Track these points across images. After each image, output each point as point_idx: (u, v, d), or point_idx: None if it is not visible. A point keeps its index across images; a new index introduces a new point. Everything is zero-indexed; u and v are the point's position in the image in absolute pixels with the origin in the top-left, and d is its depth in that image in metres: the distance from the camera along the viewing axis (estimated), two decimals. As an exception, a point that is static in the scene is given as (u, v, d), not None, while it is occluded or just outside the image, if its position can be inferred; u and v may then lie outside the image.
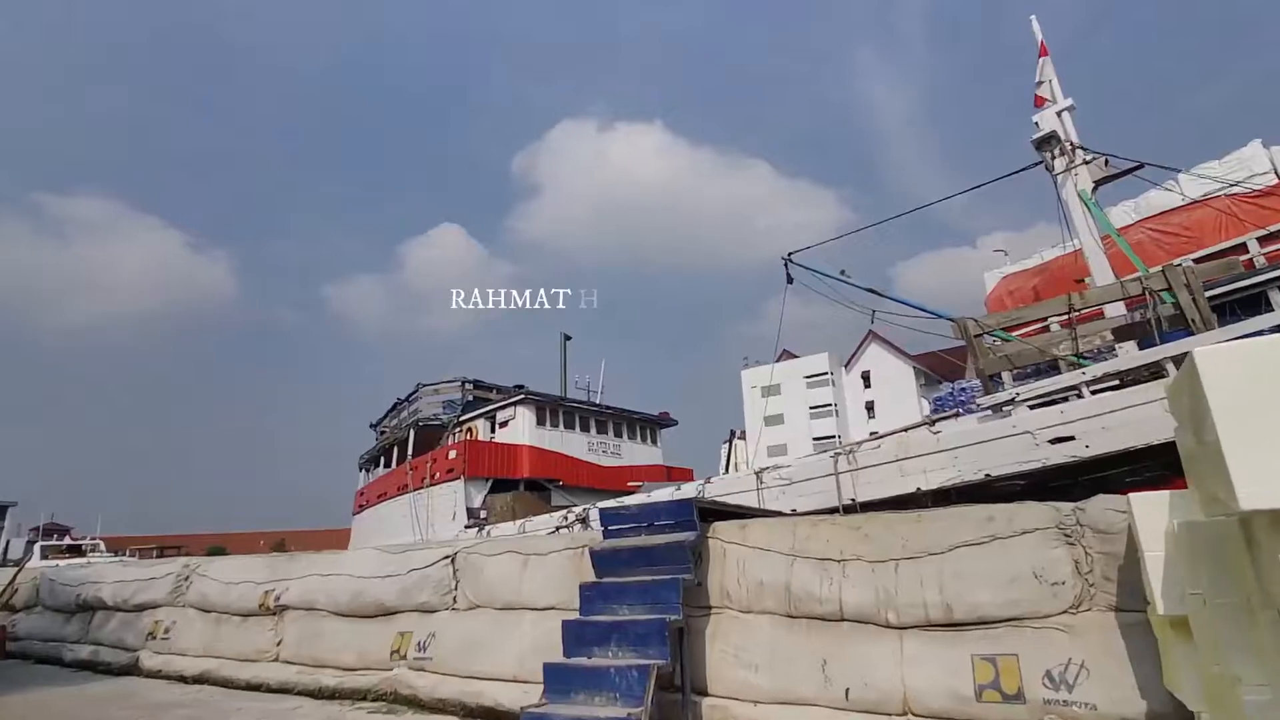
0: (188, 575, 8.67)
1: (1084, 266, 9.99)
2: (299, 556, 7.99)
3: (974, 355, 6.49)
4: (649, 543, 4.51)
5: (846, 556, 4.18)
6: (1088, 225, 7.72)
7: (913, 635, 3.84)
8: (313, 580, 6.93)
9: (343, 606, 6.48)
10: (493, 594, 5.56)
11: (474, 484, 15.44)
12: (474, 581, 5.73)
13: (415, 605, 6.04)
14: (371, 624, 6.27)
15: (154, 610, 8.75)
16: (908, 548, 4.03)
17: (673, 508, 4.67)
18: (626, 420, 19.62)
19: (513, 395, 17.77)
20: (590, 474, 17.56)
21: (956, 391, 11.73)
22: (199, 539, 53.41)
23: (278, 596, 7.11)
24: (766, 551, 4.45)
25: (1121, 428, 5.12)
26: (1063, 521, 3.67)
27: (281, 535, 58.50)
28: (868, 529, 4.27)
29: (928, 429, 6.22)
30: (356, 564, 6.80)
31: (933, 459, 5.96)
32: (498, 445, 16.67)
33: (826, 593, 4.10)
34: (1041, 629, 3.55)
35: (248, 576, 7.79)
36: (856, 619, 4.01)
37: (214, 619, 7.84)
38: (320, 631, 6.61)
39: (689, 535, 4.46)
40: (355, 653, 6.17)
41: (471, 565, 5.81)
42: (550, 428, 17.40)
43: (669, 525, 4.64)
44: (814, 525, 4.47)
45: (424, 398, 18.87)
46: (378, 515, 19.17)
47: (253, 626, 7.30)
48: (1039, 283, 11.31)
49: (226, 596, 7.73)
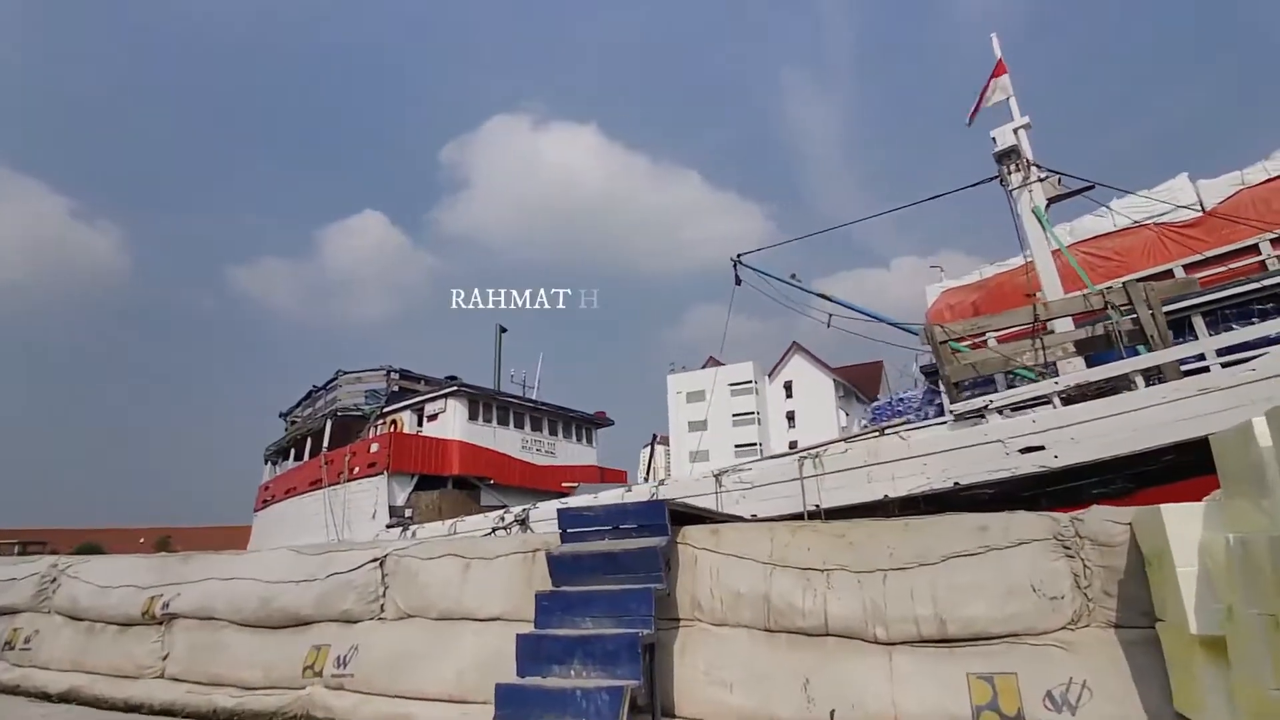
0: (55, 576, 7.54)
1: (1024, 283, 10.30)
2: (194, 557, 7.05)
3: (940, 361, 6.44)
4: (616, 547, 4.07)
5: (830, 566, 3.90)
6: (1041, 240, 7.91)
7: (904, 652, 3.58)
8: (211, 585, 6.08)
9: (247, 615, 5.69)
10: (429, 602, 4.97)
11: (398, 480, 14.38)
12: (407, 587, 5.12)
13: (335, 614, 5.35)
14: (281, 636, 5.51)
15: (13, 616, 7.56)
16: (896, 557, 3.79)
17: (642, 509, 4.26)
18: (563, 418, 18.92)
19: (443, 387, 16.80)
20: (523, 473, 16.77)
21: (895, 402, 11.90)
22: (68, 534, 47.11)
23: (166, 603, 6.20)
24: (742, 559, 4.11)
25: (1091, 439, 5.13)
26: (1060, 532, 3.50)
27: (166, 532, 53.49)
28: (852, 536, 4.00)
29: (898, 435, 6.10)
30: (265, 566, 6.02)
31: (901, 465, 5.83)
32: (426, 439, 15.61)
33: (810, 605, 3.79)
34: (1040, 646, 3.35)
35: (129, 579, 6.80)
36: (842, 634, 3.72)
37: (85, 628, 6.80)
38: (218, 644, 5.78)
39: (660, 540, 4.06)
40: (260, 669, 5.40)
41: (404, 569, 5.19)
42: (483, 423, 16.50)
43: (636, 529, 4.23)
44: (794, 532, 4.17)
45: (344, 386, 17.48)
46: (284, 512, 17.65)
47: (133, 637, 6.35)
48: (979, 298, 11.67)
49: (102, 601, 6.71)
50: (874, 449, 6.06)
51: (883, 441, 6.15)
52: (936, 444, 5.75)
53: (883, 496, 5.89)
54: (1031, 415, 5.51)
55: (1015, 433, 5.41)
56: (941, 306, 12.21)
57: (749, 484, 6.56)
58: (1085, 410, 5.26)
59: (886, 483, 5.90)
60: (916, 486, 5.74)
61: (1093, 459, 5.16)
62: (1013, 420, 5.57)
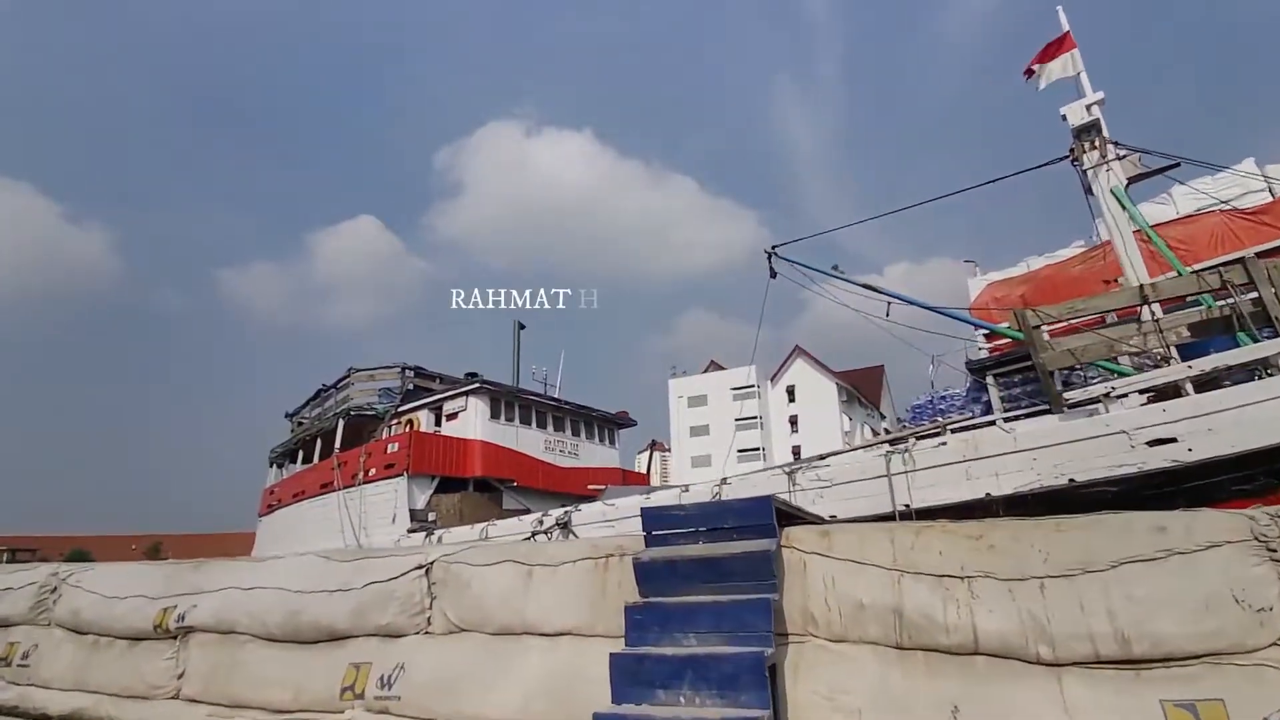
0: (55, 586, 6.94)
1: (1078, 274, 9.80)
2: (207, 564, 6.46)
3: (1034, 349, 5.92)
4: (717, 552, 3.53)
5: (971, 573, 3.36)
6: (1123, 222, 7.42)
7: (1075, 675, 3.04)
8: (231, 595, 5.50)
9: (273, 629, 5.12)
10: (485, 614, 4.41)
11: (417, 482, 13.62)
12: (458, 598, 4.56)
13: (374, 628, 4.78)
14: (313, 652, 4.94)
15: (8, 629, 6.97)
16: (1053, 563, 3.25)
17: (746, 507, 3.71)
18: (585, 418, 18.22)
19: (459, 384, 16.09)
20: (547, 475, 16.03)
21: (936, 400, 11.39)
22: (57, 541, 45.75)
23: (181, 615, 5.62)
24: (862, 565, 3.56)
25: (1230, 430, 4.62)
26: (1262, 532, 2.98)
27: (157, 539, 52.16)
28: (991, 539, 3.46)
29: (999, 427, 5.57)
30: (291, 575, 5.44)
31: (1006, 460, 5.31)
32: (447, 439, 14.86)
33: (954, 619, 3.25)
34: (1249, 666, 2.82)
35: (138, 589, 6.22)
36: (996, 653, 3.18)
37: (90, 642, 6.21)
38: (240, 661, 5.20)
39: (770, 543, 3.52)
40: (290, 689, 4.83)
41: (455, 578, 4.63)
42: (505, 422, 15.79)
43: (736, 530, 3.69)
44: (917, 534, 3.62)
45: (356, 384, 16.79)
46: (293, 516, 16.89)
47: (144, 653, 5.77)
48: (1026, 291, 11.17)
49: (109, 614, 6.13)
50: (974, 443, 5.53)
51: (983, 434, 5.62)
52: (1048, 437, 5.22)
53: (985, 495, 5.37)
54: (1162, 405, 5.00)
55: (1142, 423, 4.89)
56: (986, 300, 11.73)
57: (827, 481, 6.01)
58: (1225, 397, 4.75)
59: (988, 480, 5.37)
60: (1025, 484, 5.21)
61: (1233, 452, 4.65)
62: (1139, 410, 5.06)
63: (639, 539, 4.38)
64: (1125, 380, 5.39)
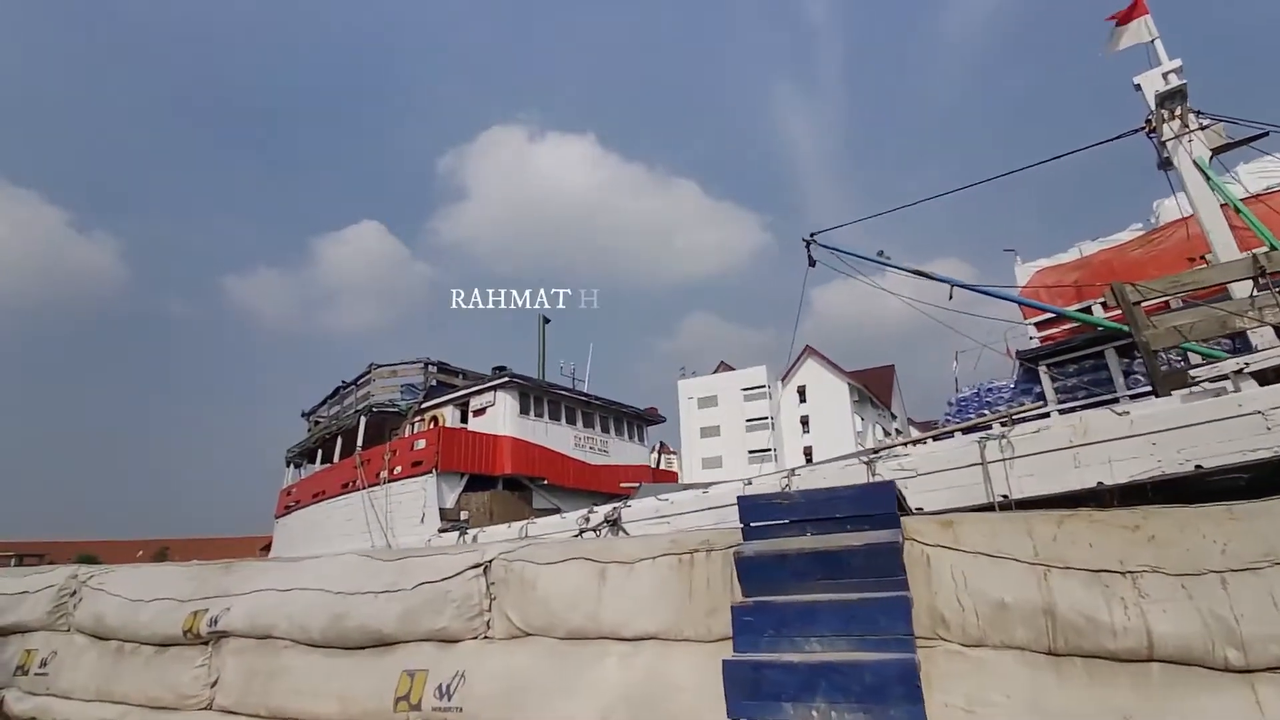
0: (75, 589, 6.57)
1: (1135, 259, 9.36)
2: (237, 566, 6.08)
3: (1135, 326, 5.49)
4: (834, 545, 3.11)
5: (1134, 568, 2.93)
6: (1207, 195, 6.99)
7: (1273, 683, 2.61)
8: (267, 597, 5.11)
9: (315, 634, 4.72)
10: (553, 618, 4.00)
11: (446, 480, 13.13)
12: (522, 600, 4.15)
13: (427, 633, 4.37)
14: (359, 659, 4.54)
15: (25, 635, 6.60)
16: (1232, 555, 2.82)
17: (861, 494, 3.30)
18: (614, 414, 17.69)
19: (483, 379, 15.60)
20: (578, 473, 15.55)
21: (983, 392, 10.94)
22: (64, 546, 45.06)
23: (214, 619, 5.22)
24: (999, 559, 3.14)
25: None
26: None
27: (163, 543, 51.42)
28: (1150, 528, 3.04)
29: (1111, 411, 5.13)
30: (330, 575, 5.04)
31: (1121, 446, 4.88)
32: (477, 435, 14.31)
33: (1122, 620, 2.82)
34: None
35: (165, 591, 5.84)
36: (1174, 659, 2.75)
37: (114, 649, 5.83)
38: (279, 668, 4.80)
39: (892, 534, 3.10)
40: (335, 699, 4.43)
41: (517, 577, 4.22)
42: (535, 418, 15.29)
43: (849, 520, 3.27)
44: (1058, 523, 3.20)
45: (377, 380, 16.38)
46: (313, 517, 16.44)
47: (173, 661, 5.38)
48: (1081, 276, 10.73)
49: (134, 618, 5.74)
50: (1081, 427, 5.09)
51: (1092, 418, 5.18)
52: (1170, 419, 4.77)
53: (1096, 484, 4.94)
54: None
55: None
56: (1036, 286, 11.28)
57: (912, 470, 5.59)
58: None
59: (1100, 468, 4.93)
60: (1143, 471, 4.77)
61: None
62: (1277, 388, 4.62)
63: (725, 532, 3.98)
64: (1261, 354, 4.95)
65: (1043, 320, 10.64)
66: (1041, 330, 10.76)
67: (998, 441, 5.30)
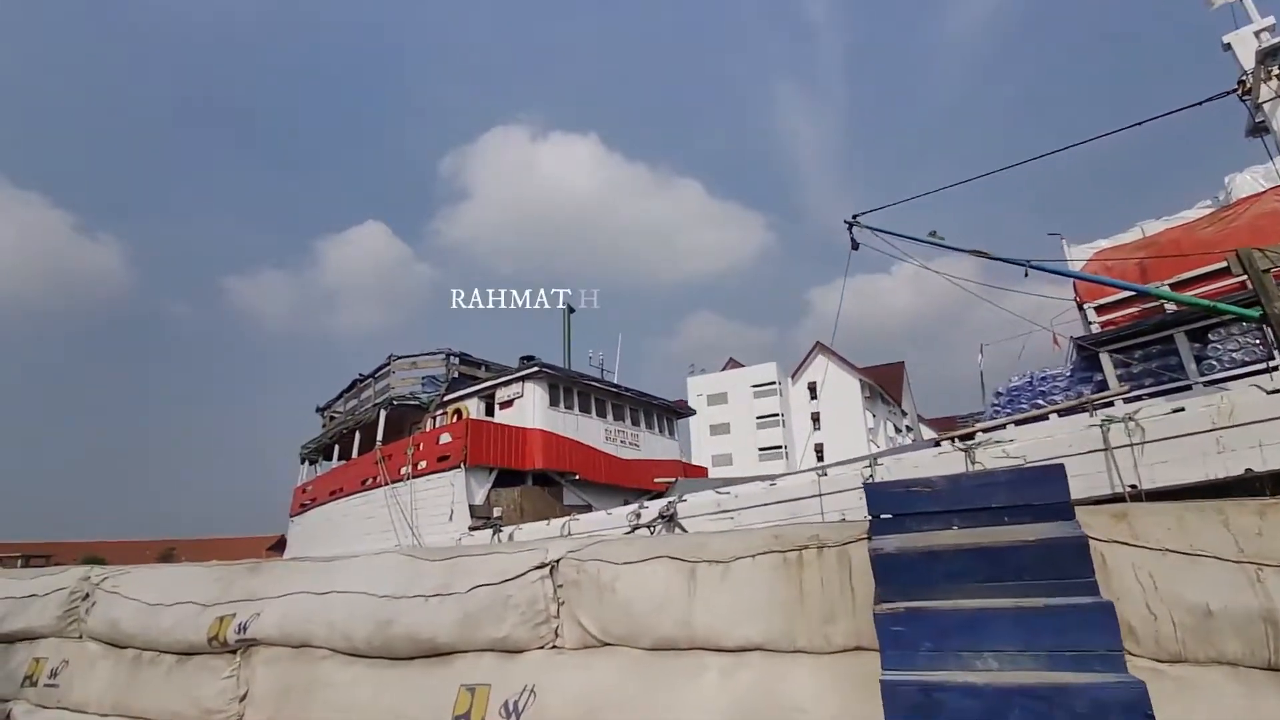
0: (88, 592, 6.10)
1: (1205, 238, 8.84)
2: (263, 567, 5.60)
3: (1266, 297, 4.99)
4: (998, 539, 2.61)
5: (1372, 565, 2.43)
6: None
7: None
8: (302, 601, 4.62)
9: (358, 643, 4.23)
10: (637, 625, 3.51)
11: (475, 475, 12.53)
12: (598, 604, 3.65)
13: (488, 642, 3.88)
14: (409, 671, 4.05)
15: (33, 643, 6.14)
16: None
17: (1023, 479, 2.79)
18: (644, 406, 17.04)
19: (507, 371, 15.02)
20: (609, 467, 14.90)
21: (1036, 381, 10.41)
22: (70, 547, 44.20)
23: (243, 625, 4.74)
24: (1195, 557, 2.64)
25: None
26: None
27: (170, 544, 50.72)
28: (1382, 519, 2.54)
29: (1260, 389, 4.61)
30: (372, 577, 4.55)
31: (1274, 428, 4.37)
32: (506, 428, 13.65)
33: (1373, 630, 2.32)
34: None
35: (187, 594, 5.35)
36: None
37: (131, 658, 5.36)
38: (317, 681, 4.32)
39: (1069, 526, 2.60)
40: (386, 716, 3.94)
41: (590, 579, 3.72)
42: (564, 410, 14.64)
43: (1007, 511, 2.77)
44: (1261, 514, 2.69)
45: (397, 372, 15.78)
46: (330, 515, 15.91)
47: (197, 671, 4.90)
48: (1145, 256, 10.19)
49: (154, 624, 5.27)
50: (1226, 408, 4.58)
51: (1239, 399, 4.67)
52: None
53: (1244, 471, 4.44)
54: None
55: None
56: (1095, 268, 10.75)
57: (1020, 458, 5.08)
58: None
59: (1249, 452, 4.43)
60: None
61: None
62: None
63: (836, 527, 3.48)
64: None
65: (1104, 304, 10.11)
66: (1101, 315, 10.23)
67: (1124, 425, 4.80)
